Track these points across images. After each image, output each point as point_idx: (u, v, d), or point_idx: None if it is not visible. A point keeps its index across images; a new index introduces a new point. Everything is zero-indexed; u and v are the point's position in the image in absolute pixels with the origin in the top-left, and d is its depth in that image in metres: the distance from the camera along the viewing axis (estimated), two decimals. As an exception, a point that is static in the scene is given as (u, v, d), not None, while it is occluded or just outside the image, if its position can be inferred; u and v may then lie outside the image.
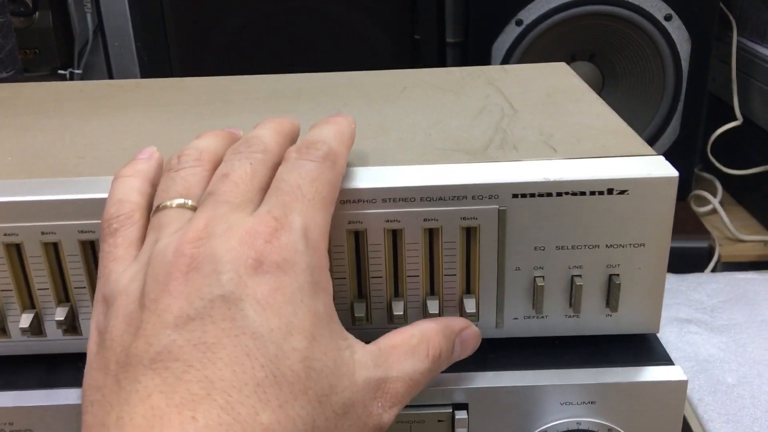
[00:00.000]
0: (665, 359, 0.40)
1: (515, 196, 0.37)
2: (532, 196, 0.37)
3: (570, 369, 0.39)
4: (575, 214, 0.37)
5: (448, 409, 0.39)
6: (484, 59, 0.90)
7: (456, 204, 0.37)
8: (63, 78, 1.03)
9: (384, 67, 0.59)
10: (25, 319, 0.39)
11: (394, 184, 0.37)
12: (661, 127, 0.93)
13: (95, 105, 0.51)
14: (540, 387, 0.39)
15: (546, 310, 0.39)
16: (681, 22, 0.88)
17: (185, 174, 0.35)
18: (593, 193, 0.37)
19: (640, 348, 0.41)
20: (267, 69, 0.58)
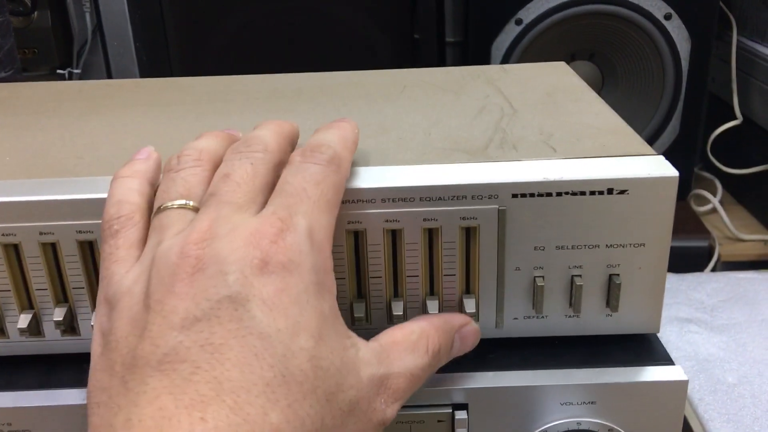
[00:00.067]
0: (666, 359, 0.40)
1: (515, 195, 0.37)
2: (531, 195, 0.37)
3: (570, 369, 0.39)
4: (575, 213, 0.37)
5: (448, 410, 0.39)
6: (483, 59, 0.90)
7: (455, 204, 0.37)
8: (62, 78, 1.02)
9: (384, 67, 0.59)
10: (24, 320, 0.39)
11: (393, 183, 0.37)
12: (661, 127, 0.93)
13: (94, 105, 0.51)
14: (540, 387, 0.38)
15: (546, 310, 0.39)
16: (681, 21, 0.88)
17: (185, 174, 0.35)
18: (593, 193, 0.37)
19: (640, 348, 0.41)
20: (266, 69, 0.58)
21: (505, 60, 0.90)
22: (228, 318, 0.29)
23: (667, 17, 0.88)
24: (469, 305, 0.39)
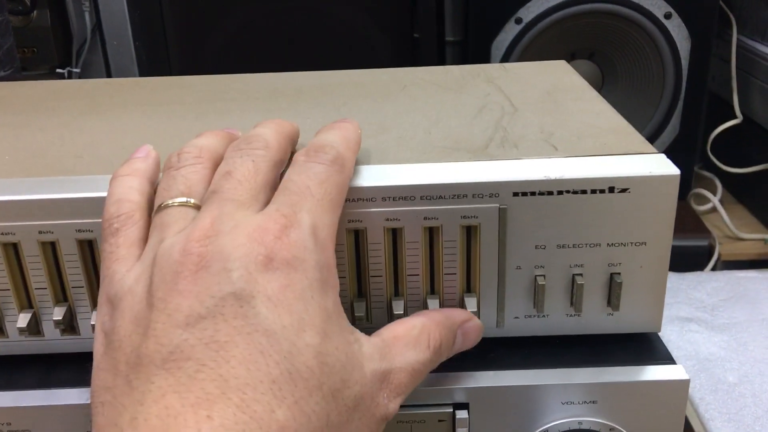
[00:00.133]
0: (667, 358, 0.40)
1: (516, 194, 0.37)
2: (532, 194, 0.37)
3: (571, 368, 0.39)
4: (576, 212, 0.37)
5: (449, 409, 0.39)
6: (483, 58, 0.90)
7: (456, 202, 0.37)
8: (61, 77, 1.02)
9: (383, 66, 0.59)
10: (23, 319, 0.39)
11: (394, 182, 0.37)
12: (661, 126, 0.93)
13: (94, 104, 0.51)
14: (541, 386, 0.38)
15: (547, 309, 0.39)
16: (681, 20, 0.88)
17: (186, 172, 0.35)
18: (594, 192, 0.37)
19: (641, 347, 0.40)
20: (266, 68, 0.58)
21: (505, 59, 0.90)
22: (233, 315, 0.29)
23: (667, 16, 0.88)
24: (470, 304, 0.39)
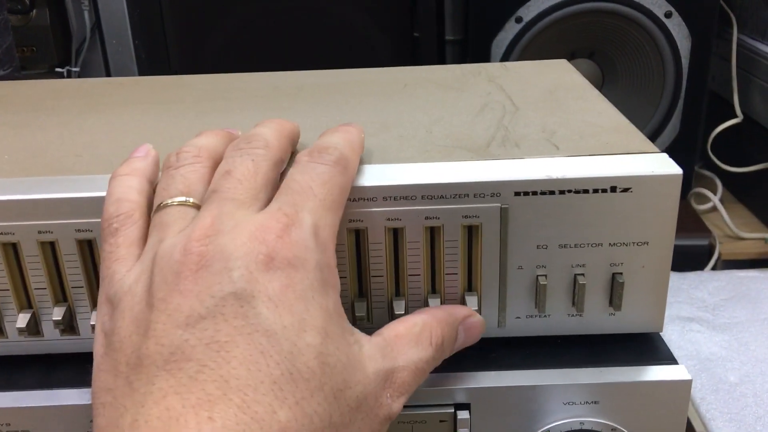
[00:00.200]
0: (669, 358, 0.39)
1: (517, 194, 0.37)
2: (534, 194, 0.37)
3: (573, 368, 0.39)
4: (578, 212, 0.37)
5: (450, 409, 0.38)
6: (483, 56, 0.90)
7: (458, 202, 0.37)
8: (60, 76, 1.02)
9: (383, 66, 0.58)
10: (23, 319, 0.38)
11: (395, 182, 0.36)
12: (661, 125, 0.93)
13: (93, 102, 0.51)
14: (543, 387, 0.38)
15: (548, 309, 0.39)
16: (681, 19, 0.88)
17: (185, 171, 0.34)
18: (596, 191, 0.37)
19: (643, 347, 0.40)
20: (266, 67, 0.58)
21: (505, 58, 0.90)
22: (233, 315, 0.29)
23: (668, 15, 0.88)
24: (471, 304, 0.38)
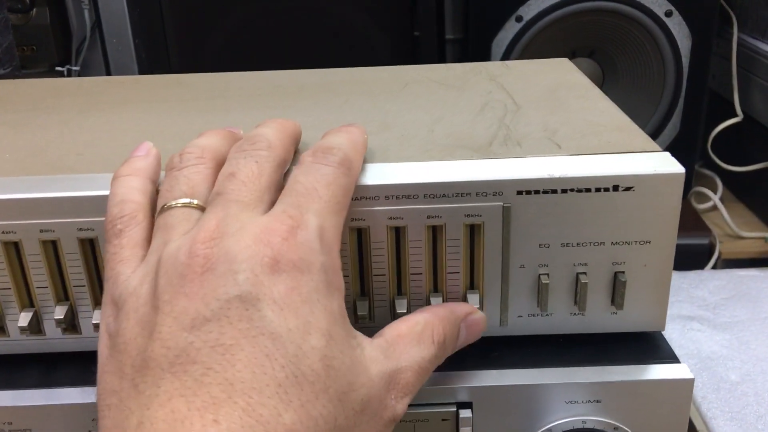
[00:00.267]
0: (671, 357, 0.39)
1: (520, 192, 0.37)
2: (536, 192, 0.37)
3: (575, 367, 0.39)
4: (580, 211, 0.37)
5: (452, 408, 0.38)
6: (483, 56, 0.90)
7: (460, 201, 0.37)
8: (60, 75, 1.02)
9: (383, 65, 0.58)
10: (24, 318, 0.38)
11: (397, 181, 0.36)
12: (662, 124, 0.93)
13: (94, 101, 0.51)
14: (545, 385, 0.38)
15: (551, 307, 0.39)
16: (681, 18, 0.88)
17: (188, 173, 0.34)
18: (598, 190, 0.37)
19: (645, 346, 0.40)
20: (265, 67, 0.58)
21: (506, 57, 0.90)
22: (238, 318, 0.29)
23: (668, 14, 0.87)
24: (474, 303, 0.38)
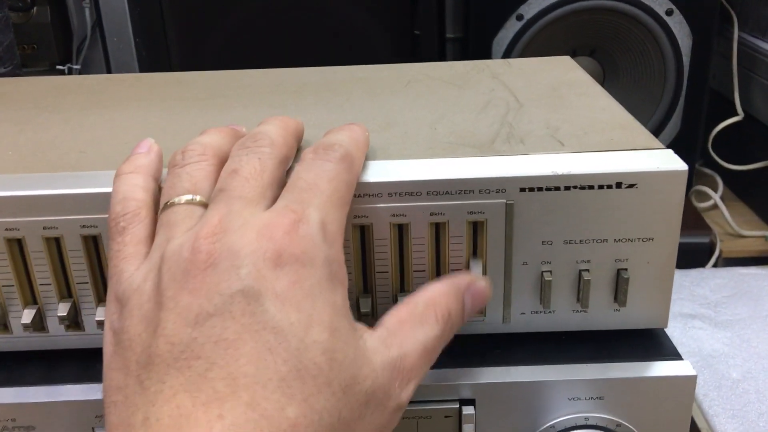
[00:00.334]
0: (674, 354, 0.39)
1: (522, 190, 0.37)
2: (539, 189, 0.37)
3: (578, 364, 0.39)
4: (583, 208, 0.37)
5: (455, 405, 0.38)
6: (484, 54, 0.90)
7: (463, 198, 0.37)
8: (61, 73, 1.02)
9: (384, 63, 0.58)
10: (27, 315, 0.38)
11: (400, 178, 0.36)
12: (662, 123, 0.93)
13: (96, 99, 0.51)
14: (547, 382, 0.38)
15: (553, 304, 0.39)
16: (682, 17, 0.88)
17: (190, 169, 0.34)
18: (601, 187, 0.37)
19: (648, 343, 0.40)
20: (266, 65, 0.58)
21: (506, 56, 0.90)
22: (240, 313, 0.29)
23: (669, 13, 0.88)
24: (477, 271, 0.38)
